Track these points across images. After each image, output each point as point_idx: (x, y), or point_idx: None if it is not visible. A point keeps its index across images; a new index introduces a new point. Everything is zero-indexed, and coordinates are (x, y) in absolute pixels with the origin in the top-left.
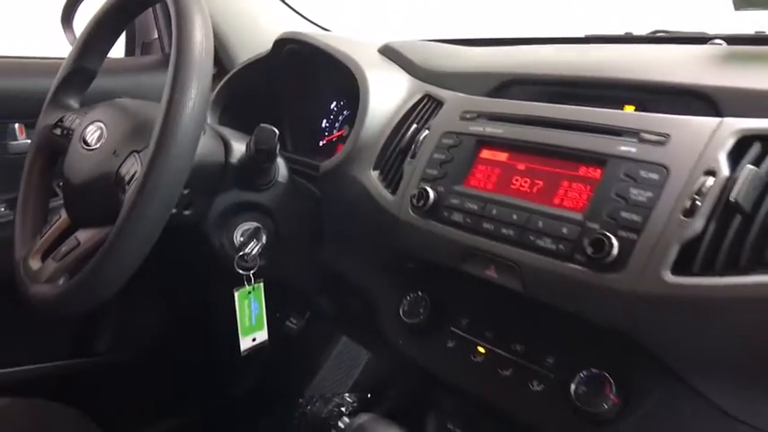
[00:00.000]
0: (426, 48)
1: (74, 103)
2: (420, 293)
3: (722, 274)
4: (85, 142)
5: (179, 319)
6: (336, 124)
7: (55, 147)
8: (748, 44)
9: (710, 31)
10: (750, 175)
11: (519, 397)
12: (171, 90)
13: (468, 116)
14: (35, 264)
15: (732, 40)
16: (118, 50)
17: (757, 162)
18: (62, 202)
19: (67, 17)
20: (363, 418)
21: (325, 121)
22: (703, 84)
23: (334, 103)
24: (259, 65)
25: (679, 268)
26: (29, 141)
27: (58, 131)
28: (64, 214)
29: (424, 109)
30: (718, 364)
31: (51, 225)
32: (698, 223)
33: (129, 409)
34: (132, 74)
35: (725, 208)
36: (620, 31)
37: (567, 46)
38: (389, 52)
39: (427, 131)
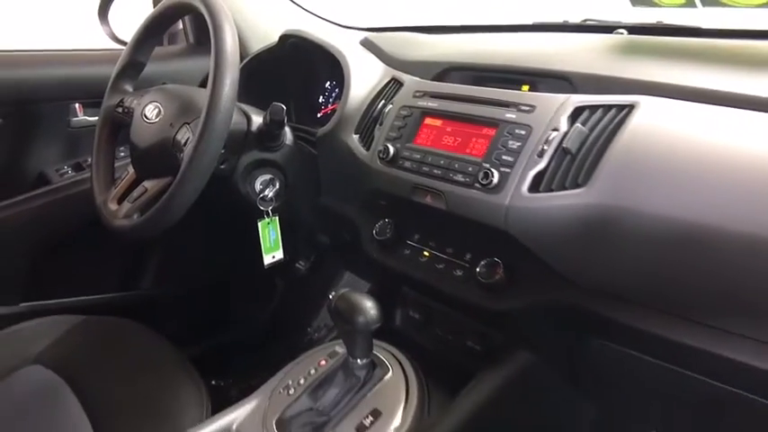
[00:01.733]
0: (396, 39)
1: (129, 88)
2: (387, 220)
3: (556, 191)
4: (146, 117)
5: (215, 258)
6: (330, 100)
7: (118, 122)
8: (648, 34)
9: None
10: (576, 131)
11: (448, 280)
12: (214, 79)
13: (418, 95)
14: (113, 206)
15: (634, 29)
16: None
17: (583, 123)
18: (123, 163)
19: (103, 13)
20: (344, 290)
21: (321, 97)
22: (567, 70)
23: (328, 83)
24: (268, 54)
25: (532, 189)
26: (87, 118)
27: (119, 110)
28: (131, 170)
29: (390, 89)
30: (555, 245)
31: (123, 178)
32: (544, 161)
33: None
34: (164, 61)
35: (561, 152)
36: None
37: (496, 36)
38: (368, 44)
39: (391, 106)
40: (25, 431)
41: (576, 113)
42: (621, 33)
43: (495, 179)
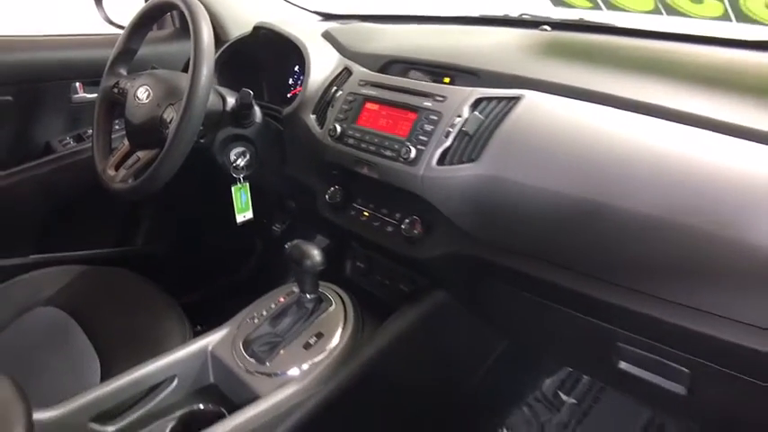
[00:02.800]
0: (353, 31)
1: (123, 71)
2: (337, 187)
3: (456, 164)
4: (138, 98)
5: (199, 219)
6: (298, 82)
7: (114, 101)
8: (571, 30)
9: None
10: (474, 117)
11: (382, 235)
12: (193, 67)
13: (362, 83)
14: (111, 172)
15: (557, 25)
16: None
17: (481, 111)
18: (119, 135)
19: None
20: (296, 242)
21: (291, 80)
22: (476, 66)
23: (297, 67)
24: (244, 42)
25: (439, 162)
26: (86, 95)
27: (115, 90)
28: (126, 142)
29: (341, 77)
30: (456, 206)
31: (119, 149)
32: (449, 141)
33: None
34: (154, 44)
35: (462, 133)
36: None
37: (438, 27)
38: (328, 36)
39: (341, 92)
40: (42, 360)
41: (476, 103)
42: (546, 30)
43: (413, 154)
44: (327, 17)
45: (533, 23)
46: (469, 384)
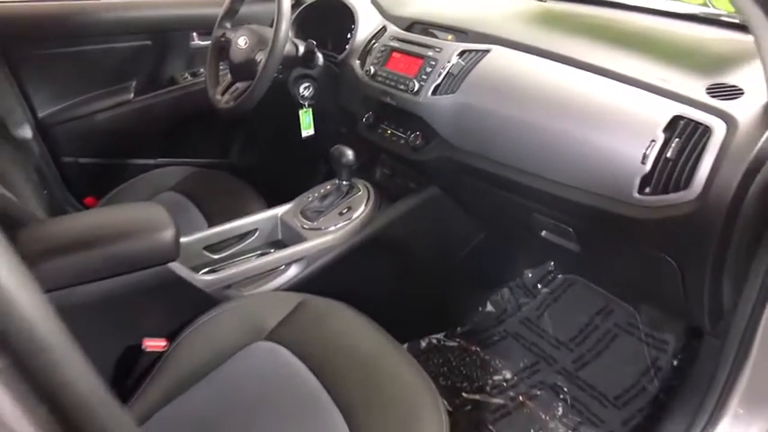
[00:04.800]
0: None
1: (228, 25)
2: (371, 112)
3: (441, 95)
4: (239, 45)
5: (271, 137)
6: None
7: (221, 46)
8: (570, 1)
9: None
10: (457, 63)
11: (397, 146)
12: (276, 24)
13: (391, 38)
14: (219, 97)
15: None
16: None
17: (463, 59)
18: (224, 71)
19: None
20: (337, 146)
21: (348, 34)
22: (467, 28)
23: (352, 25)
24: (314, 5)
25: (433, 93)
26: (200, 42)
27: (222, 39)
28: (229, 76)
29: (379, 33)
30: (443, 124)
31: (224, 81)
32: (440, 79)
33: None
34: (248, 5)
35: (448, 74)
36: None
37: None
38: (374, 2)
39: (378, 43)
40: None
41: (461, 54)
42: (544, 0)
43: (416, 88)
44: None
45: None
46: (457, 258)
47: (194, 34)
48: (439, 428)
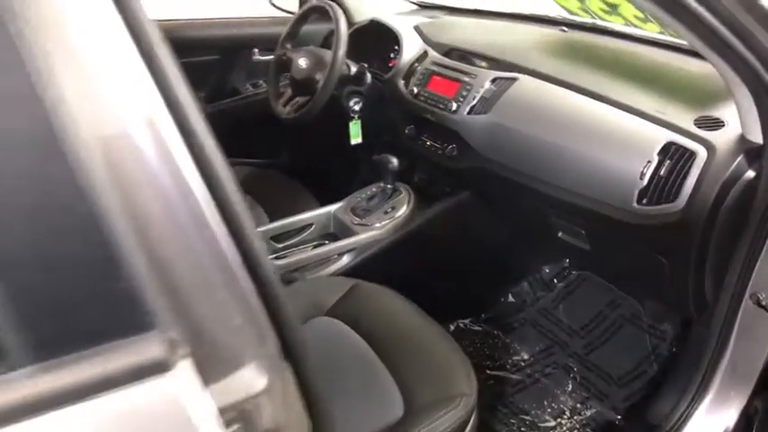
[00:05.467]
0: (432, 26)
1: (289, 45)
2: (413, 126)
3: (476, 114)
4: (299, 64)
5: (322, 143)
6: (395, 57)
7: (282, 63)
8: (587, 31)
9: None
10: (490, 88)
11: (435, 155)
12: (335, 49)
13: (432, 62)
14: (281, 109)
15: (574, 26)
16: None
17: (495, 85)
18: (284, 85)
19: None
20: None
21: (391, 54)
22: (498, 57)
23: (396, 46)
24: (362, 29)
25: (469, 113)
26: (261, 57)
27: (284, 57)
28: (290, 90)
29: (421, 57)
30: (476, 139)
31: (285, 94)
32: (475, 101)
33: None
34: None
35: (483, 98)
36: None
37: (486, 24)
38: (417, 29)
39: (420, 67)
40: None
41: (493, 80)
42: (564, 31)
43: (454, 107)
44: (421, 6)
45: (555, 23)
46: (484, 254)
47: (256, 50)
48: (471, 393)
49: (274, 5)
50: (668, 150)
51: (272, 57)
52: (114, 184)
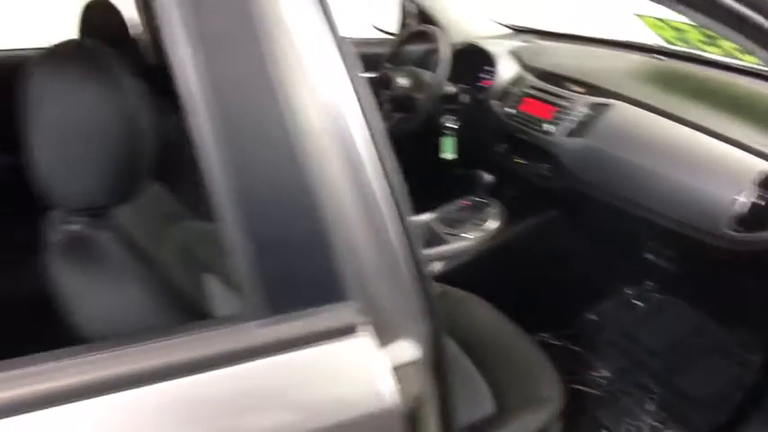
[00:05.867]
0: (528, 50)
1: (390, 65)
2: (505, 144)
3: (574, 137)
4: (400, 83)
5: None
6: (488, 77)
7: (383, 81)
8: (684, 60)
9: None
10: (587, 114)
11: (527, 174)
12: (437, 70)
13: (528, 85)
14: None
15: (670, 54)
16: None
17: (592, 111)
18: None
19: (370, 14)
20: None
21: (484, 74)
22: (594, 83)
23: (487, 67)
24: (463, 50)
25: (567, 136)
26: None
27: (385, 76)
28: (388, 105)
29: (517, 79)
30: (571, 159)
31: (384, 108)
32: (573, 125)
33: None
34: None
35: (580, 122)
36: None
37: (581, 49)
38: (513, 53)
39: (515, 89)
40: None
41: (590, 105)
42: (660, 59)
43: (552, 130)
44: (516, 31)
45: (651, 50)
46: (570, 271)
47: None
48: (557, 399)
49: (377, 28)
50: (765, 180)
51: (372, 75)
52: (324, 178)
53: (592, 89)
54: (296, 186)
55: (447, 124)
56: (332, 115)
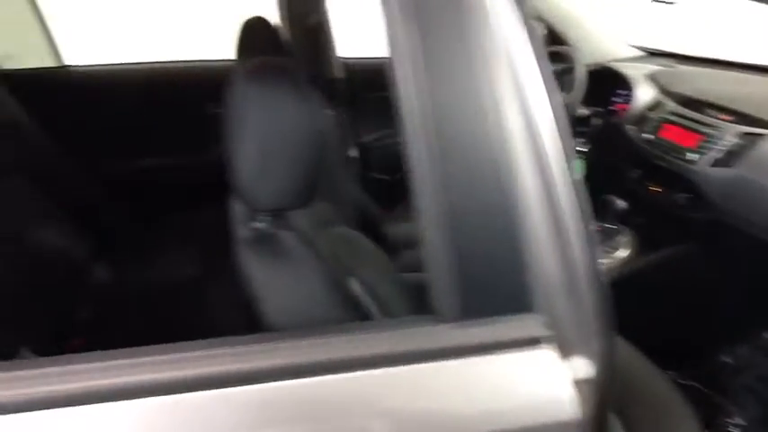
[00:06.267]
0: (667, 75)
1: None
2: (640, 170)
3: (718, 167)
4: None
5: None
6: (620, 100)
7: None
8: None
9: None
10: (735, 143)
11: (664, 202)
12: (573, 92)
13: (668, 111)
14: None
15: None
16: None
17: (740, 139)
18: None
19: None
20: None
21: (618, 97)
22: (742, 110)
23: (621, 90)
24: (599, 72)
25: (712, 165)
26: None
27: None
28: None
29: (655, 105)
30: (715, 188)
31: None
32: (719, 155)
33: None
34: None
35: (728, 152)
36: None
37: (722, 74)
38: (652, 77)
39: (653, 114)
40: None
41: (741, 134)
42: None
43: (696, 158)
44: (651, 54)
45: None
46: (703, 308)
47: None
48: None
49: None
50: None
51: None
52: (521, 197)
53: (741, 117)
54: (497, 204)
55: (577, 147)
56: (532, 138)
